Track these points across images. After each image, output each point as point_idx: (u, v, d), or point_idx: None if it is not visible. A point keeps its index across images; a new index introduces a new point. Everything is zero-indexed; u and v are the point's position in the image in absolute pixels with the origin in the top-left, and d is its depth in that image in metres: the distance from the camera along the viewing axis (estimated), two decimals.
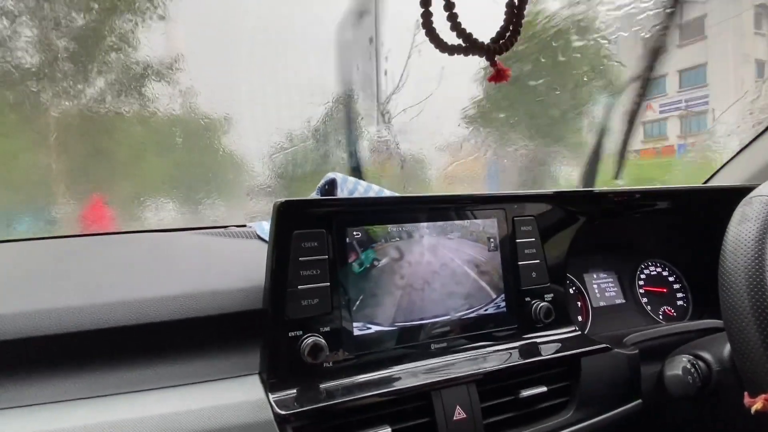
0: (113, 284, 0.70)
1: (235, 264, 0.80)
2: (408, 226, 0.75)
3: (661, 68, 1.31)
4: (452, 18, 0.43)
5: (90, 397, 0.61)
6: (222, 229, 1.03)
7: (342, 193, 0.89)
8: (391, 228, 0.74)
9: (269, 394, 0.62)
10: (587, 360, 0.80)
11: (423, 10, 0.42)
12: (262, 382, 0.65)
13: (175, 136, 1.23)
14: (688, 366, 0.74)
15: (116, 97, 1.11)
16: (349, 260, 0.70)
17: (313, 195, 0.90)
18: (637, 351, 0.85)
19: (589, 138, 1.51)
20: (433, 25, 0.43)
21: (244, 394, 0.62)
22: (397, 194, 0.94)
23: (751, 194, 0.68)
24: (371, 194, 0.93)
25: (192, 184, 1.24)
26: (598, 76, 1.50)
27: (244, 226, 1.08)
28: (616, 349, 0.83)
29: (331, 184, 0.88)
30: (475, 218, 0.80)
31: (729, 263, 0.63)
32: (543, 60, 1.43)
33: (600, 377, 0.81)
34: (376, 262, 0.72)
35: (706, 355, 0.76)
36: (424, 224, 0.76)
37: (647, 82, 1.31)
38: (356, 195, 0.91)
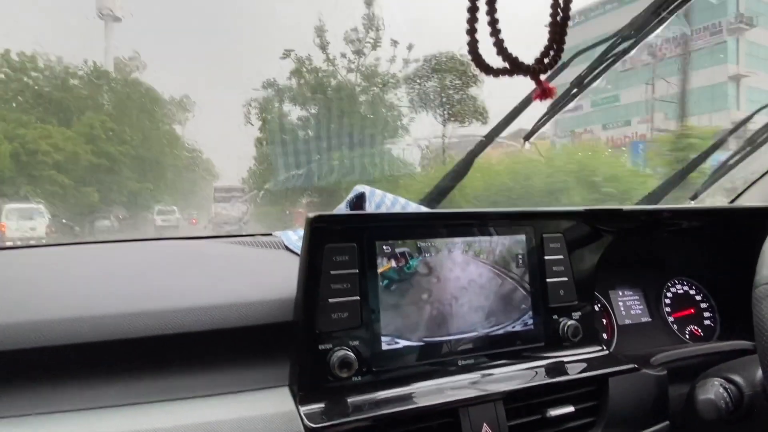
0: (149, 292, 0.71)
1: (265, 275, 0.81)
2: (437, 242, 0.75)
3: None
4: (498, 43, 0.44)
5: (123, 405, 0.62)
6: (249, 238, 1.04)
7: (369, 206, 0.89)
8: (420, 243, 0.74)
9: (299, 406, 0.63)
10: (615, 380, 0.79)
11: (469, 38, 0.42)
12: (292, 394, 0.65)
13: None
14: (721, 390, 0.73)
15: None
16: (378, 274, 0.71)
17: (341, 207, 0.91)
18: (665, 372, 0.84)
19: None
20: (479, 51, 0.43)
21: (274, 405, 0.63)
22: (424, 208, 0.94)
23: None
24: (398, 207, 0.93)
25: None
26: None
27: (270, 234, 1.09)
28: (644, 370, 0.82)
29: (360, 198, 0.89)
30: (504, 234, 0.80)
31: (763, 287, 0.63)
32: None
33: (627, 398, 0.80)
34: (404, 277, 0.72)
35: (738, 379, 0.75)
36: (453, 240, 0.76)
37: None
38: (383, 208, 0.91)
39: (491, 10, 0.45)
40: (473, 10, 0.45)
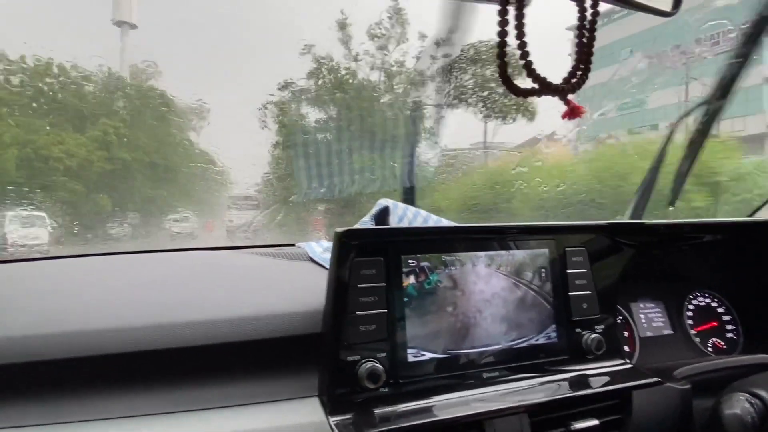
0: (179, 304, 0.73)
1: (292, 287, 0.82)
2: (461, 255, 0.76)
3: None
4: (527, 65, 0.45)
5: (156, 414, 0.64)
6: (272, 249, 1.06)
7: (393, 219, 0.91)
8: (445, 257, 0.75)
9: (329, 417, 0.64)
10: (639, 393, 0.79)
11: (499, 61, 0.44)
12: (322, 404, 0.67)
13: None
14: (747, 405, 0.73)
15: None
16: (404, 287, 0.72)
17: (366, 220, 0.92)
18: (689, 386, 0.84)
19: None
20: (508, 74, 0.45)
21: (304, 415, 0.65)
22: (446, 221, 0.96)
23: None
24: (420, 219, 0.95)
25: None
26: None
27: (293, 245, 1.12)
28: (668, 383, 0.82)
29: (384, 211, 0.91)
30: (527, 248, 0.81)
31: None
32: None
33: (651, 411, 0.80)
34: (429, 290, 0.74)
35: (763, 393, 0.74)
36: (477, 253, 0.77)
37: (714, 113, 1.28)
38: (405, 221, 0.93)
39: (520, 34, 0.47)
40: (503, 34, 0.46)
